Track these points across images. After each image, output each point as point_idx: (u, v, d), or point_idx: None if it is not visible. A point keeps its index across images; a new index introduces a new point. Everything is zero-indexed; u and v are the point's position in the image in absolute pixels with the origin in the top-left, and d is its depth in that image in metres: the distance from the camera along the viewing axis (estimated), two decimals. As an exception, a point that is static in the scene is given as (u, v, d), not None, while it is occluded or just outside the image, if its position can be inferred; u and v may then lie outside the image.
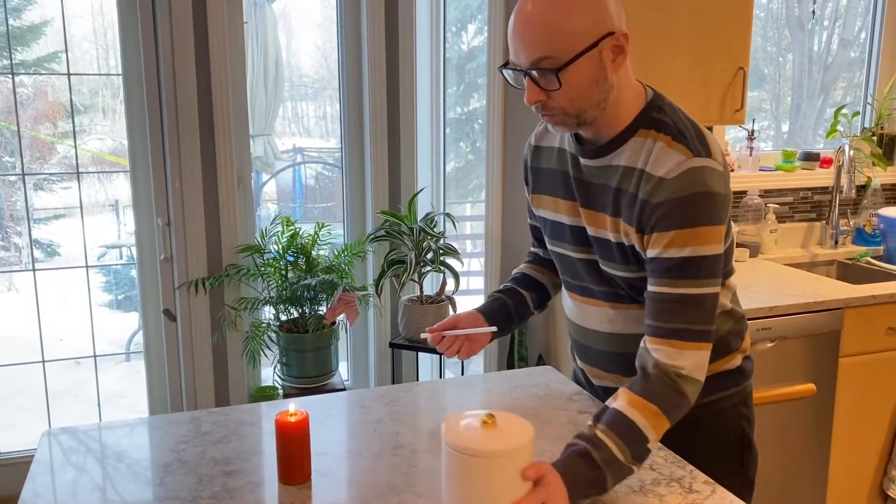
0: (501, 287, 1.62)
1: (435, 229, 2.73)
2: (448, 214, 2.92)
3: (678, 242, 1.20)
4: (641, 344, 1.24)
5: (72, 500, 1.18)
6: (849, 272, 3.05)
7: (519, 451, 1.01)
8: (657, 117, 1.27)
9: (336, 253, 2.86)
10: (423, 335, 1.45)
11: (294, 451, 1.21)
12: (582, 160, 1.34)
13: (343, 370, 3.07)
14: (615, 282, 1.34)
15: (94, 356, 2.97)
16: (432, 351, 2.69)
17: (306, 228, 2.83)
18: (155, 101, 2.61)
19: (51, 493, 1.20)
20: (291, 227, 2.77)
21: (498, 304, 1.56)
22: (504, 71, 1.28)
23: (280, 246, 2.75)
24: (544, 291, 1.61)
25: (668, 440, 1.33)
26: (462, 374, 2.92)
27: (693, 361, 1.20)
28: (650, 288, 1.24)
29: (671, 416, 1.19)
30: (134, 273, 2.83)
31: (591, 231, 1.34)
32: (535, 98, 1.23)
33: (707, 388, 1.35)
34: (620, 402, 1.18)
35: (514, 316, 1.56)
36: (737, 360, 1.45)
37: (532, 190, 1.49)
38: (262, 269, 2.73)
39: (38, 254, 3.01)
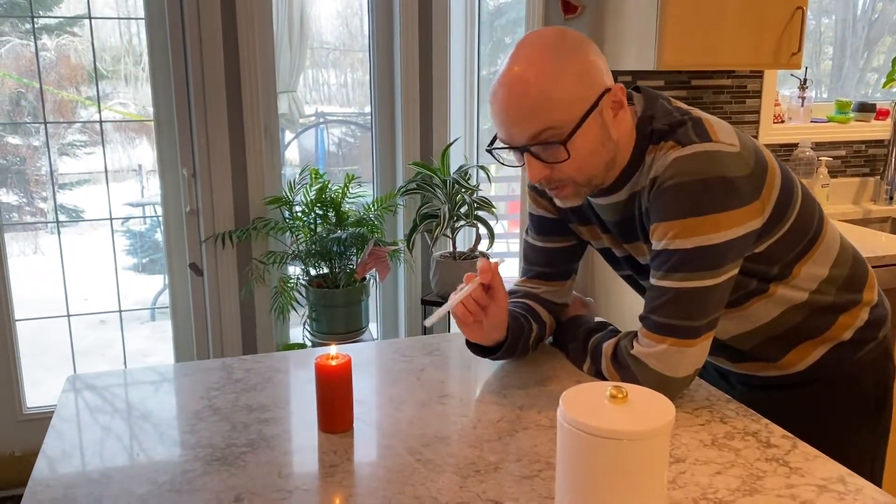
0: (525, 307, 1.39)
1: (469, 182, 2.61)
2: (482, 167, 2.80)
3: (668, 234, 1.12)
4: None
5: (99, 445, 1.10)
6: (905, 230, 2.89)
7: (660, 431, 0.84)
8: (652, 130, 1.17)
9: (366, 206, 2.75)
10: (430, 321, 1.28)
11: (336, 397, 1.12)
12: (595, 201, 1.27)
13: (373, 329, 2.99)
14: None
15: (120, 311, 2.90)
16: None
17: (335, 182, 2.73)
18: (179, 51, 2.50)
19: (76, 440, 1.12)
20: (320, 180, 2.67)
21: (519, 325, 1.34)
22: (494, 151, 1.17)
23: (308, 199, 2.65)
24: (543, 334, 1.42)
25: (800, 398, 1.33)
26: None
27: (668, 361, 1.15)
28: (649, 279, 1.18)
29: (619, 378, 1.21)
30: (158, 236, 2.76)
31: (641, 260, 1.28)
32: (539, 175, 1.14)
33: (839, 356, 1.31)
34: (607, 351, 1.23)
35: (518, 347, 1.35)
36: (863, 316, 1.31)
37: (564, 219, 1.36)
38: (291, 222, 2.64)
39: (62, 218, 2.96)
